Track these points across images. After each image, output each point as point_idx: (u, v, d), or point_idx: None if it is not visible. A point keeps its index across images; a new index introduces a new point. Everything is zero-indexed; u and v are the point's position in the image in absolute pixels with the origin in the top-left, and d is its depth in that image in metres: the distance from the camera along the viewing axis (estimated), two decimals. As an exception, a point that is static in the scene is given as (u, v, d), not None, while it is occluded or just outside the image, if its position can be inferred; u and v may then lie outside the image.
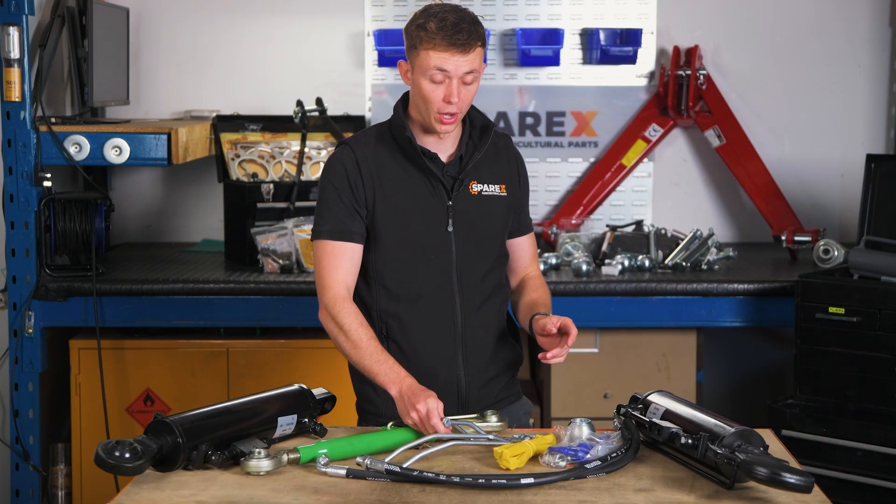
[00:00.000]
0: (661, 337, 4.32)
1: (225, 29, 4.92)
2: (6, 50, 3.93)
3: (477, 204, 2.79)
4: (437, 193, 2.77)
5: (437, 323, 2.78)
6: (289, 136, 4.73)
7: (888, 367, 3.73)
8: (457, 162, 2.80)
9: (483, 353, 2.83)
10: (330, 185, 2.77)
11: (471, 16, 2.71)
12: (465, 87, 2.70)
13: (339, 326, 2.71)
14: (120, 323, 4.10)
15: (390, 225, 2.75)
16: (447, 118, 2.71)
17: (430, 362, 2.78)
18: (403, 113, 2.81)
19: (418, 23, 2.71)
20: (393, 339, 2.78)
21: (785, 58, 4.95)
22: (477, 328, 2.81)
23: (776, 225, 4.72)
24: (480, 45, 2.70)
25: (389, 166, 2.77)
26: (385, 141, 2.81)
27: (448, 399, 2.71)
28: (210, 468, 2.33)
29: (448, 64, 2.67)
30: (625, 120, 4.91)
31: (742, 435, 2.28)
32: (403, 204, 2.75)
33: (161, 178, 4.97)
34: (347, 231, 2.75)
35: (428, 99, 2.70)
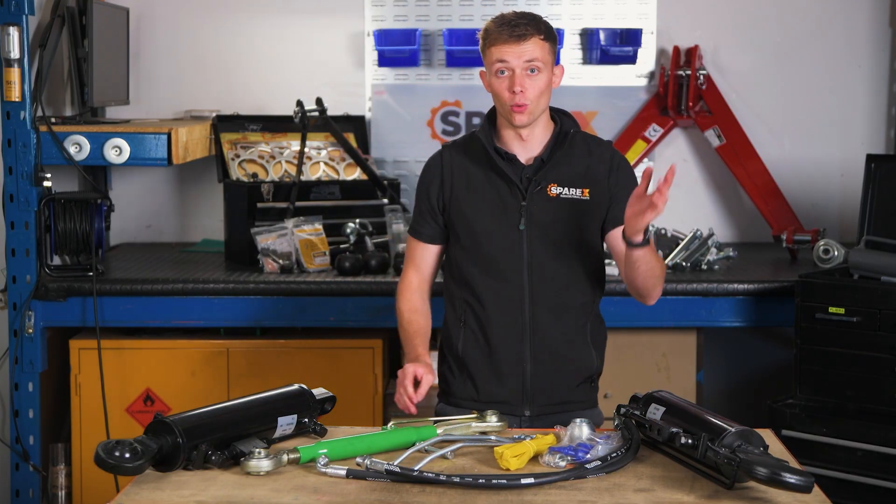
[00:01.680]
0: (661, 337, 4.32)
1: (225, 29, 4.92)
2: (6, 50, 3.93)
3: (554, 206, 2.91)
4: (513, 194, 2.91)
5: (506, 316, 2.92)
6: (289, 136, 4.73)
7: (888, 367, 3.73)
8: (537, 164, 2.93)
9: (553, 352, 2.93)
10: (418, 186, 3.06)
11: (533, 14, 2.89)
12: (530, 78, 2.84)
13: (398, 311, 3.03)
14: (120, 323, 4.10)
15: (467, 222, 2.94)
16: (518, 108, 2.84)
17: (499, 352, 2.94)
18: (489, 121, 2.98)
19: (483, 28, 2.90)
20: (469, 326, 2.96)
21: (785, 58, 4.95)
22: (548, 326, 2.92)
23: (776, 225, 4.72)
24: (542, 37, 2.85)
25: (473, 168, 2.96)
26: (473, 145, 2.99)
27: (513, 391, 2.93)
28: (210, 468, 2.33)
29: (507, 54, 2.83)
30: (625, 120, 4.91)
31: (742, 435, 2.28)
32: (480, 203, 2.93)
33: (161, 178, 4.96)
34: (419, 231, 3.04)
35: (498, 93, 2.87)
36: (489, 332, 2.93)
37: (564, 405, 2.92)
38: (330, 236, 4.31)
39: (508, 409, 2.86)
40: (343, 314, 4.06)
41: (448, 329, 3.02)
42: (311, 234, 4.25)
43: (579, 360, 2.96)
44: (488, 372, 2.94)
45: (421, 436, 2.48)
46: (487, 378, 2.94)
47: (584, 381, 2.98)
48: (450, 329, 3.01)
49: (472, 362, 2.95)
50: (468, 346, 2.96)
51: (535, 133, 2.92)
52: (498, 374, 2.93)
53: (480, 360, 2.95)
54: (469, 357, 2.96)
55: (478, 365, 2.95)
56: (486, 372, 2.94)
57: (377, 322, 4.09)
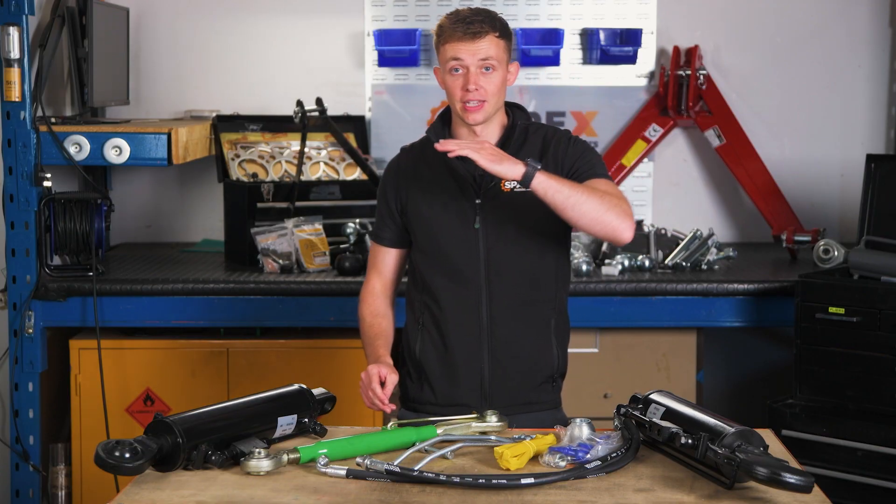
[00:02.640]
0: (661, 337, 4.32)
1: (225, 29, 4.92)
2: (6, 50, 3.93)
3: (508, 202, 2.86)
4: (466, 192, 2.87)
5: (462, 316, 2.88)
6: (289, 136, 4.73)
7: (888, 367, 3.73)
8: None
9: (511, 352, 2.88)
10: (377, 192, 3.03)
11: (488, 11, 2.86)
12: (485, 76, 2.80)
13: (360, 316, 3.01)
14: (120, 323, 4.10)
15: (423, 223, 2.91)
16: (471, 106, 2.80)
17: (457, 354, 2.90)
18: (441, 120, 2.94)
19: (437, 24, 2.87)
20: (427, 329, 2.93)
21: (785, 58, 4.95)
22: (505, 326, 2.87)
23: (776, 225, 4.72)
24: (497, 35, 2.81)
25: (427, 169, 2.93)
26: (428, 146, 2.93)
27: (471, 392, 2.89)
28: (210, 468, 2.33)
29: (461, 52, 2.79)
30: (625, 120, 4.91)
31: (742, 435, 2.28)
32: (434, 203, 2.90)
33: (161, 178, 4.96)
34: (379, 235, 3.01)
35: (451, 91, 2.83)
36: (446, 334, 2.89)
37: (525, 406, 2.87)
38: (330, 236, 4.31)
39: (466, 412, 2.73)
40: (343, 314, 4.06)
41: (407, 333, 2.99)
42: (311, 234, 4.25)
43: (540, 358, 2.91)
44: (445, 374, 2.90)
45: (421, 436, 2.48)
46: (444, 380, 2.90)
47: (545, 381, 2.93)
48: (409, 333, 2.98)
49: (429, 365, 2.92)
50: (425, 348, 2.92)
51: (489, 130, 2.87)
52: (455, 376, 2.89)
53: (437, 363, 2.91)
54: (426, 360, 2.92)
55: (434, 368, 2.91)
56: (442, 374, 2.90)
57: (377, 322, 4.08)
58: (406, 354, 2.99)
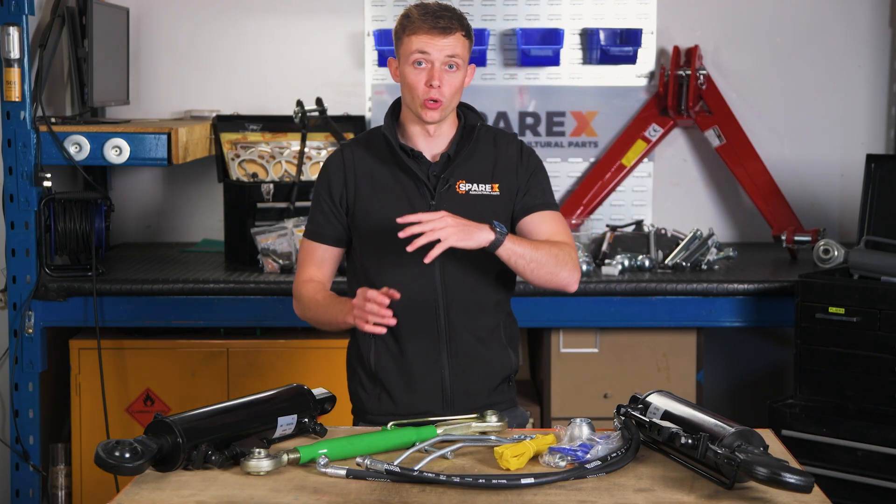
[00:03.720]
0: (661, 337, 4.32)
1: (225, 29, 4.92)
2: (6, 50, 3.93)
3: (464, 204, 2.79)
4: (421, 193, 2.81)
5: (420, 322, 2.81)
6: (289, 136, 4.73)
7: (888, 367, 3.73)
8: (444, 161, 2.82)
9: (470, 356, 2.84)
10: (315, 187, 2.92)
11: (455, 8, 2.82)
12: (448, 73, 2.76)
13: (302, 304, 2.88)
14: (120, 323, 4.10)
15: (372, 223, 2.81)
16: (431, 104, 2.75)
17: (415, 361, 2.82)
18: (393, 116, 2.86)
19: (402, 14, 2.81)
20: (381, 338, 2.82)
21: (785, 58, 4.95)
22: (464, 330, 2.83)
23: (776, 225, 4.72)
24: (463, 34, 2.78)
25: (376, 167, 2.83)
26: (376, 142, 2.86)
27: (432, 399, 2.82)
28: (210, 468, 2.33)
29: (428, 46, 2.74)
30: (625, 120, 4.91)
31: (742, 435, 2.28)
32: (386, 203, 2.80)
33: (161, 178, 4.97)
34: (320, 233, 2.88)
35: (412, 85, 2.76)
36: (402, 341, 2.81)
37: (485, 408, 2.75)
38: (330, 236, 4.31)
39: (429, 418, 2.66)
40: (343, 314, 4.05)
41: (356, 344, 2.90)
42: (311, 234, 4.25)
43: (497, 361, 2.87)
44: (403, 383, 2.82)
45: (421, 436, 2.48)
46: (403, 389, 2.83)
47: (502, 382, 2.90)
48: (358, 343, 2.89)
49: (386, 375, 2.83)
50: (381, 358, 2.83)
51: (443, 129, 2.82)
52: (414, 384, 2.81)
53: (394, 372, 2.82)
54: (382, 370, 2.83)
55: (392, 377, 2.83)
56: (401, 383, 2.83)
57: (377, 322, 4.08)
58: (357, 366, 2.90)
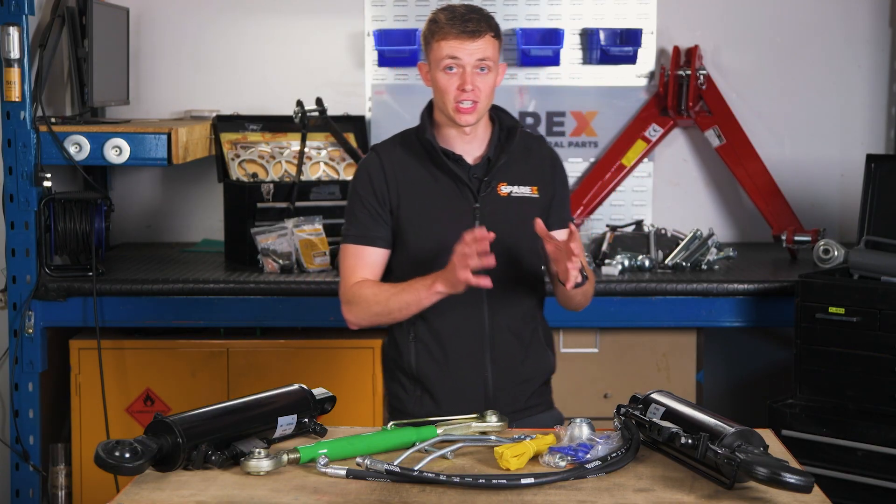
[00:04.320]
0: (661, 337, 4.32)
1: (225, 29, 4.92)
2: (6, 50, 3.93)
3: (506, 206, 2.82)
4: (464, 195, 2.81)
5: (464, 324, 2.82)
6: (289, 136, 4.73)
7: (888, 367, 3.73)
8: (484, 164, 2.84)
9: (512, 357, 2.86)
10: (355, 191, 2.86)
11: (482, 9, 2.81)
12: (480, 76, 2.76)
13: (362, 303, 2.81)
14: (120, 323, 4.10)
15: (414, 227, 2.81)
16: (465, 107, 2.75)
17: (458, 364, 2.83)
18: (429, 119, 2.86)
19: (430, 19, 2.81)
20: (422, 340, 2.85)
21: (785, 58, 4.95)
22: (506, 331, 2.84)
23: (776, 225, 4.72)
24: (493, 35, 2.78)
25: (415, 170, 2.83)
26: (410, 145, 2.86)
27: (475, 401, 2.82)
28: (210, 468, 2.33)
29: (459, 51, 2.74)
30: (625, 120, 4.91)
31: (742, 435, 2.28)
32: (428, 206, 2.81)
33: (161, 178, 4.96)
34: (370, 236, 2.84)
35: (444, 90, 2.76)
36: (446, 344, 2.83)
37: (526, 411, 2.83)
38: (330, 236, 4.31)
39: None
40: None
41: (396, 345, 2.90)
42: (311, 234, 4.25)
43: (538, 362, 2.90)
44: (447, 385, 2.84)
45: (421, 436, 2.48)
46: (446, 391, 2.84)
47: (542, 384, 2.93)
48: (398, 345, 2.90)
49: (428, 378, 2.85)
50: (421, 360, 2.85)
51: (478, 132, 2.84)
52: (458, 387, 2.83)
53: (438, 375, 2.84)
54: (424, 373, 2.85)
55: (435, 380, 2.85)
56: (444, 386, 2.84)
57: (377, 322, 4.08)
58: (395, 367, 2.92)
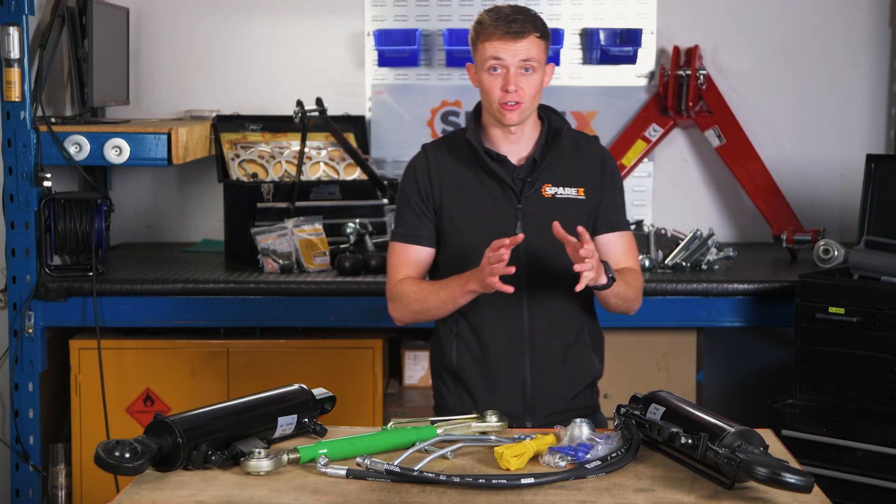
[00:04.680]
0: (661, 337, 4.32)
1: (225, 29, 4.92)
2: (6, 50, 3.93)
3: (550, 207, 2.81)
4: (507, 196, 2.81)
5: (504, 324, 2.82)
6: (289, 136, 4.73)
7: (888, 367, 3.73)
8: (529, 164, 2.84)
9: (553, 359, 2.85)
10: (402, 190, 2.90)
11: (528, 9, 2.80)
12: (525, 77, 2.76)
13: (405, 300, 2.82)
14: (120, 323, 4.10)
15: (458, 227, 2.83)
16: (509, 107, 2.75)
17: (497, 363, 2.84)
18: (475, 120, 2.87)
19: (476, 20, 2.81)
20: (463, 338, 2.86)
21: (785, 58, 4.95)
22: (547, 333, 2.83)
23: (776, 225, 4.72)
24: (538, 35, 2.77)
25: (460, 170, 2.84)
26: (458, 145, 2.87)
27: (513, 402, 2.83)
28: (210, 468, 2.33)
29: (502, 52, 2.74)
30: (625, 120, 4.91)
31: (742, 435, 2.28)
32: (472, 206, 2.82)
33: (161, 178, 4.97)
34: (416, 235, 2.86)
35: (488, 91, 2.77)
36: (485, 342, 2.83)
37: (566, 413, 2.80)
38: (330, 236, 4.31)
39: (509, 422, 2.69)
40: (343, 314, 4.06)
41: (439, 342, 2.92)
42: (311, 234, 4.25)
43: (581, 366, 2.89)
44: (485, 384, 2.85)
45: (421, 436, 2.48)
46: (484, 390, 2.84)
47: (585, 388, 2.91)
48: (441, 342, 2.91)
49: (467, 375, 2.86)
50: (462, 358, 2.86)
51: (525, 132, 2.83)
52: (496, 385, 2.84)
53: (476, 372, 2.85)
54: (464, 370, 2.86)
55: (473, 377, 2.85)
56: (482, 384, 2.85)
57: (377, 322, 4.09)
58: (439, 366, 2.93)
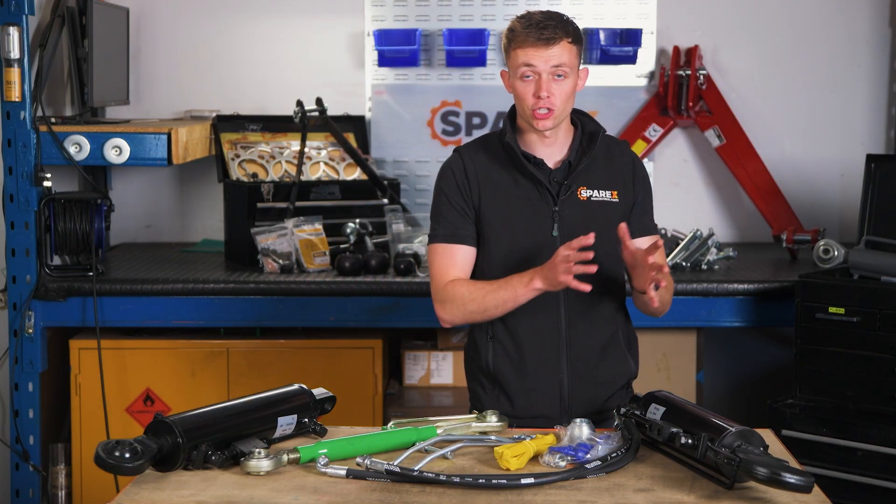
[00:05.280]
0: (661, 337, 4.32)
1: (225, 29, 4.92)
2: (6, 50, 3.94)
3: (585, 209, 2.82)
4: (544, 199, 2.82)
5: (541, 326, 2.81)
6: (289, 136, 4.73)
7: (888, 367, 3.73)
8: (565, 168, 2.84)
9: (589, 361, 2.84)
10: (441, 191, 2.88)
11: (560, 14, 2.80)
12: (557, 83, 2.76)
13: (458, 301, 2.79)
14: (120, 323, 4.10)
15: (496, 229, 2.82)
16: (541, 113, 2.76)
17: (533, 365, 2.83)
18: (511, 123, 2.87)
19: (508, 27, 2.80)
20: (499, 340, 2.85)
21: (785, 58, 4.95)
22: (583, 335, 2.83)
23: (776, 225, 4.72)
24: (569, 41, 2.77)
25: (497, 172, 2.85)
26: (493, 148, 2.88)
27: (550, 403, 2.83)
28: (210, 468, 2.33)
29: (534, 58, 2.75)
30: (625, 120, 4.91)
31: (742, 435, 2.28)
32: (509, 208, 2.82)
33: (161, 178, 4.96)
34: (460, 235, 2.84)
35: (522, 97, 2.78)
36: (521, 345, 2.82)
37: (602, 414, 2.79)
38: (330, 236, 4.31)
39: (545, 423, 2.73)
40: (343, 314, 4.06)
41: (475, 344, 2.91)
42: (311, 234, 4.25)
43: (616, 367, 2.88)
44: (522, 386, 2.83)
45: (421, 436, 2.48)
46: (521, 392, 2.83)
47: (620, 388, 2.90)
48: (477, 344, 2.90)
49: (504, 377, 2.84)
50: (498, 360, 2.84)
51: (559, 136, 2.84)
52: (532, 388, 2.83)
53: (513, 374, 2.83)
54: (500, 372, 2.84)
55: (510, 379, 2.84)
56: (519, 386, 2.83)
57: (377, 322, 4.09)
58: (474, 367, 2.92)
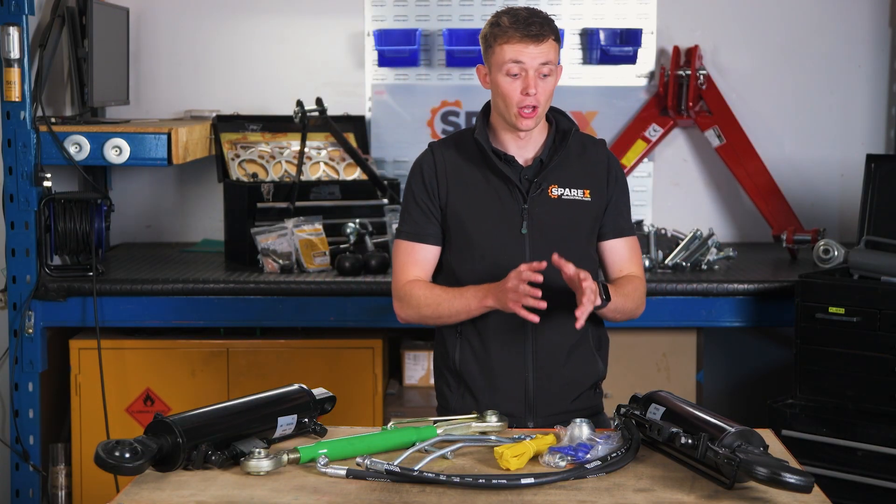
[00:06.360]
0: (661, 337, 4.32)
1: (225, 29, 4.92)
2: (6, 50, 3.93)
3: (556, 208, 2.82)
4: (514, 196, 2.81)
5: (506, 324, 2.81)
6: (289, 136, 4.73)
7: (888, 367, 3.73)
8: (537, 165, 2.84)
9: (556, 360, 2.84)
10: (409, 188, 2.90)
11: (542, 11, 2.80)
12: (542, 80, 2.76)
13: (413, 303, 2.82)
14: (120, 323, 4.10)
15: (463, 225, 2.82)
16: (527, 112, 2.75)
17: (500, 362, 2.83)
18: (484, 119, 2.87)
19: (492, 21, 2.79)
20: (466, 336, 2.85)
21: (785, 58, 4.95)
22: (552, 335, 2.82)
23: (776, 225, 4.73)
24: (554, 38, 2.77)
25: (467, 169, 2.85)
26: (465, 144, 2.88)
27: (515, 401, 2.82)
28: (210, 468, 2.33)
29: (523, 55, 2.74)
30: (625, 120, 4.91)
31: (742, 435, 2.28)
32: (478, 205, 2.82)
33: (161, 178, 4.96)
34: (423, 234, 2.86)
35: (507, 94, 2.76)
36: (488, 342, 2.82)
37: (568, 414, 2.77)
38: (330, 236, 4.31)
39: (511, 423, 2.70)
40: (343, 314, 4.06)
41: (443, 342, 2.91)
42: (311, 234, 4.25)
43: (584, 367, 2.88)
44: (487, 383, 2.83)
45: (421, 436, 2.48)
46: (486, 390, 2.83)
47: (587, 389, 2.90)
48: (445, 341, 2.90)
49: (470, 375, 2.84)
50: (465, 357, 2.85)
51: (533, 134, 2.83)
52: (497, 386, 2.82)
53: (478, 372, 2.83)
54: (466, 369, 2.85)
55: (476, 377, 2.84)
56: (484, 384, 2.83)
57: (377, 322, 4.09)
58: (442, 364, 2.92)
